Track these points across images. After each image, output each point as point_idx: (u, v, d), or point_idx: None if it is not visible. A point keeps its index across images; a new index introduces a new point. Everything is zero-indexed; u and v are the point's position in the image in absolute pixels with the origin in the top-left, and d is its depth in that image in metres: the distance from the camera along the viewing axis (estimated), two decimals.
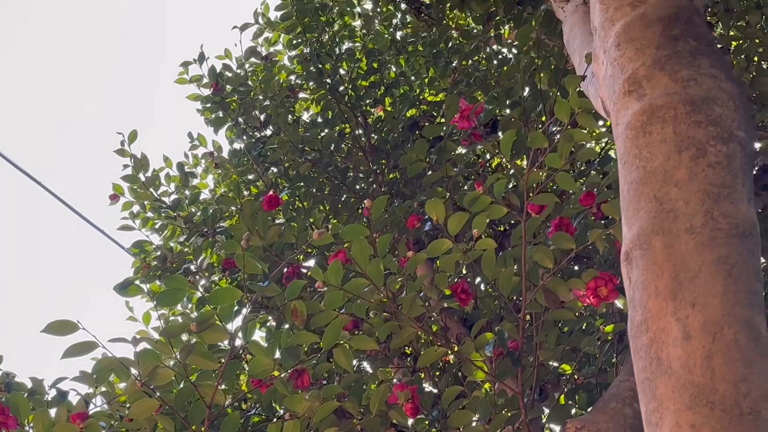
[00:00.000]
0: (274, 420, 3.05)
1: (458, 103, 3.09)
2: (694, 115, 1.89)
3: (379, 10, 5.82)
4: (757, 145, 4.67)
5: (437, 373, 4.01)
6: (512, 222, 4.30)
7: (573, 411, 3.48)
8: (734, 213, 1.72)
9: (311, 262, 4.95)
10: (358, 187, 5.29)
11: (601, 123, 3.89)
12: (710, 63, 2.02)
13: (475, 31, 5.63)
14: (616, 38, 2.22)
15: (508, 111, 4.73)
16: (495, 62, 5.75)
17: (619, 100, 2.09)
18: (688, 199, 1.76)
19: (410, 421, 3.03)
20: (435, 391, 3.66)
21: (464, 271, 4.45)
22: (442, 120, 5.48)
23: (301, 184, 4.99)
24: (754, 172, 4.66)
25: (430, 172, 4.18)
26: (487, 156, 5.47)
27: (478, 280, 4.39)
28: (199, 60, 5.23)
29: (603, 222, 3.36)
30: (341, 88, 5.47)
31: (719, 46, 4.47)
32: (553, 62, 4.15)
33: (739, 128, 1.89)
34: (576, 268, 4.26)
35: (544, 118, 4.46)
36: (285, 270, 3.74)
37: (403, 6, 5.87)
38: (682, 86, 1.96)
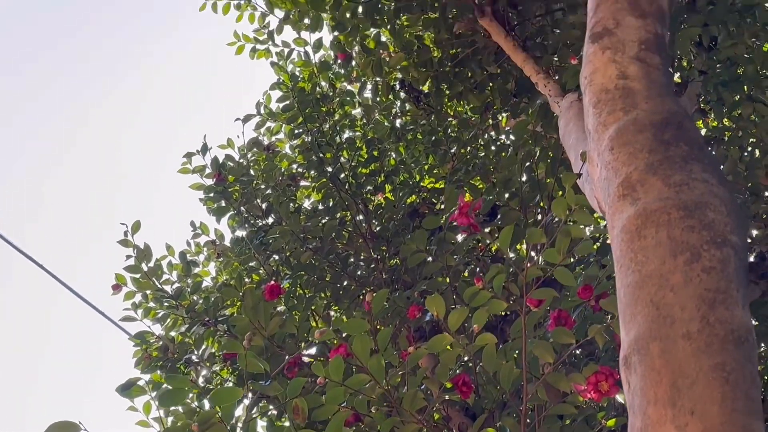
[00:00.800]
0: None
1: (457, 195, 3.14)
2: (687, 219, 1.93)
3: (378, 99, 5.93)
4: (754, 232, 4.72)
5: None
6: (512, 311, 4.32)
7: None
8: (730, 319, 1.75)
9: (313, 350, 4.94)
10: (359, 273, 5.32)
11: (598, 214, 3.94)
12: (702, 168, 2.08)
13: (473, 119, 5.74)
14: (610, 142, 2.29)
15: (507, 195, 4.80)
16: (493, 148, 5.85)
17: (614, 204, 2.14)
18: (684, 304, 1.79)
19: None
20: None
21: (465, 358, 4.45)
22: (442, 207, 5.56)
23: (303, 272, 5.02)
24: (752, 260, 4.71)
25: (430, 260, 4.21)
26: (487, 241, 5.52)
27: (479, 367, 4.38)
28: (202, 151, 5.33)
29: (603, 311, 3.38)
30: (342, 176, 5.55)
31: (712, 137, 4.56)
32: (551, 153, 4.23)
33: (732, 233, 1.93)
34: (578, 352, 4.26)
35: (542, 204, 4.53)
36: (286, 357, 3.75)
37: (402, 94, 5.99)
38: (675, 191, 2.01)
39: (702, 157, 2.12)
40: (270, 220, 5.40)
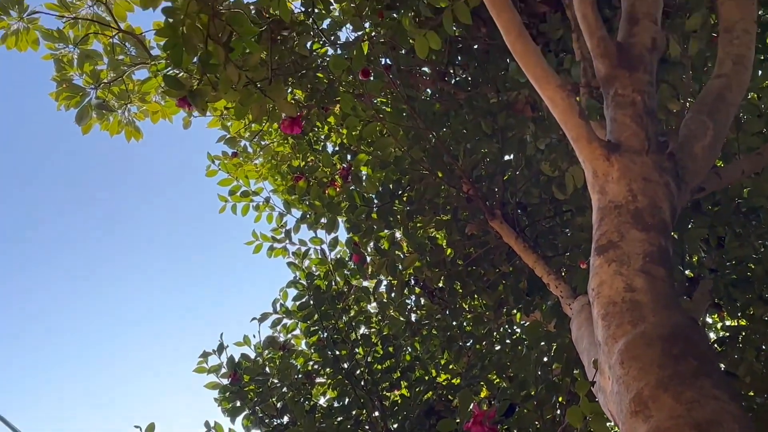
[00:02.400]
0: None
1: (470, 399, 3.14)
2: None
3: (393, 295, 6.01)
4: None
5: None
6: None
7: None
8: None
9: None
10: None
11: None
12: (712, 383, 2.09)
13: (487, 313, 5.78)
14: (620, 356, 2.32)
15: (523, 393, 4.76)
16: (508, 341, 5.85)
17: (627, 420, 2.15)
18: None
19: None
20: None
21: None
22: (458, 405, 5.50)
23: None
24: None
25: None
26: None
27: None
28: (218, 350, 5.36)
29: None
30: (357, 372, 5.54)
31: (728, 336, 4.56)
32: (565, 353, 4.23)
33: None
34: None
35: (561, 399, 4.48)
36: None
37: (417, 289, 6.06)
38: (686, 408, 2.02)
39: (712, 372, 2.14)
40: (285, 420, 5.34)
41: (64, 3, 4.89)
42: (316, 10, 4.88)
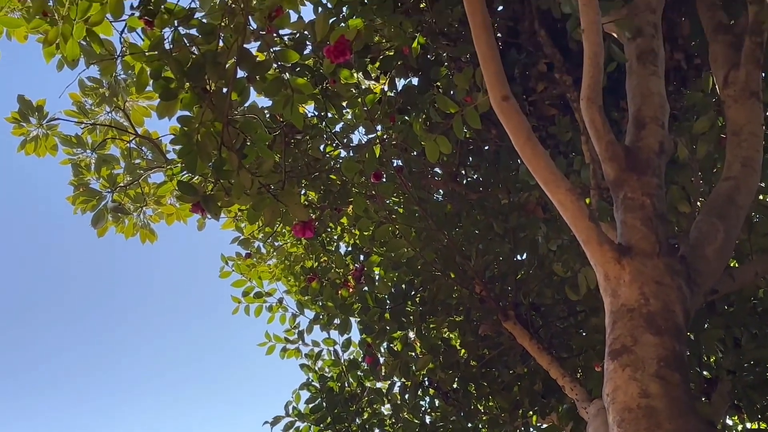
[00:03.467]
0: None
1: None
2: None
3: (407, 397, 5.93)
4: None
5: None
6: None
7: None
8: None
9: None
10: None
11: None
12: None
13: (503, 415, 5.68)
14: None
15: None
16: None
17: None
18: None
19: None
20: None
21: None
22: None
23: None
24: None
25: None
26: None
27: None
28: None
29: None
30: None
31: None
32: None
33: None
34: None
35: None
36: None
37: (431, 390, 5.99)
38: None
39: None
40: None
41: (83, 109, 5.01)
42: (329, 114, 4.98)
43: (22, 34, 4.03)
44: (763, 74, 3.98)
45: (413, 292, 5.15)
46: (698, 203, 3.80)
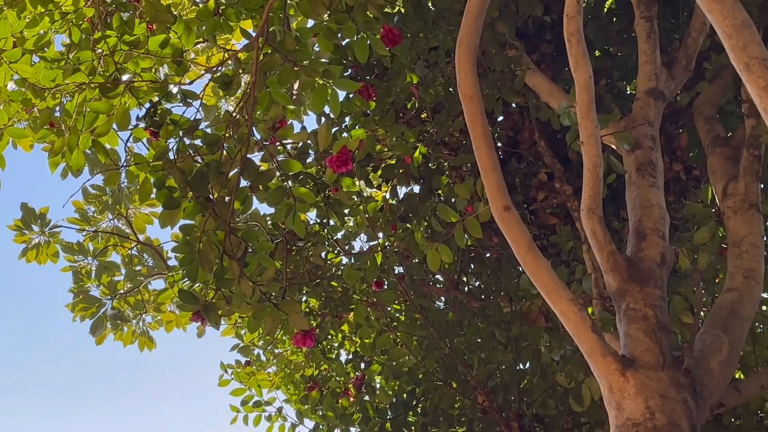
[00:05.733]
0: None
1: None
2: None
3: None
4: None
5: None
6: None
7: None
8: None
9: None
10: None
11: None
12: None
13: None
14: None
15: None
16: None
17: None
18: None
19: None
20: None
21: None
22: None
23: None
24: None
25: None
26: None
27: None
28: None
29: None
30: None
31: None
32: None
33: None
34: None
35: None
36: None
37: None
38: None
39: None
40: None
41: (86, 217, 5.04)
42: (331, 222, 5.01)
43: (28, 143, 4.09)
44: (762, 185, 4.02)
45: (415, 402, 5.07)
46: (701, 314, 3.77)
